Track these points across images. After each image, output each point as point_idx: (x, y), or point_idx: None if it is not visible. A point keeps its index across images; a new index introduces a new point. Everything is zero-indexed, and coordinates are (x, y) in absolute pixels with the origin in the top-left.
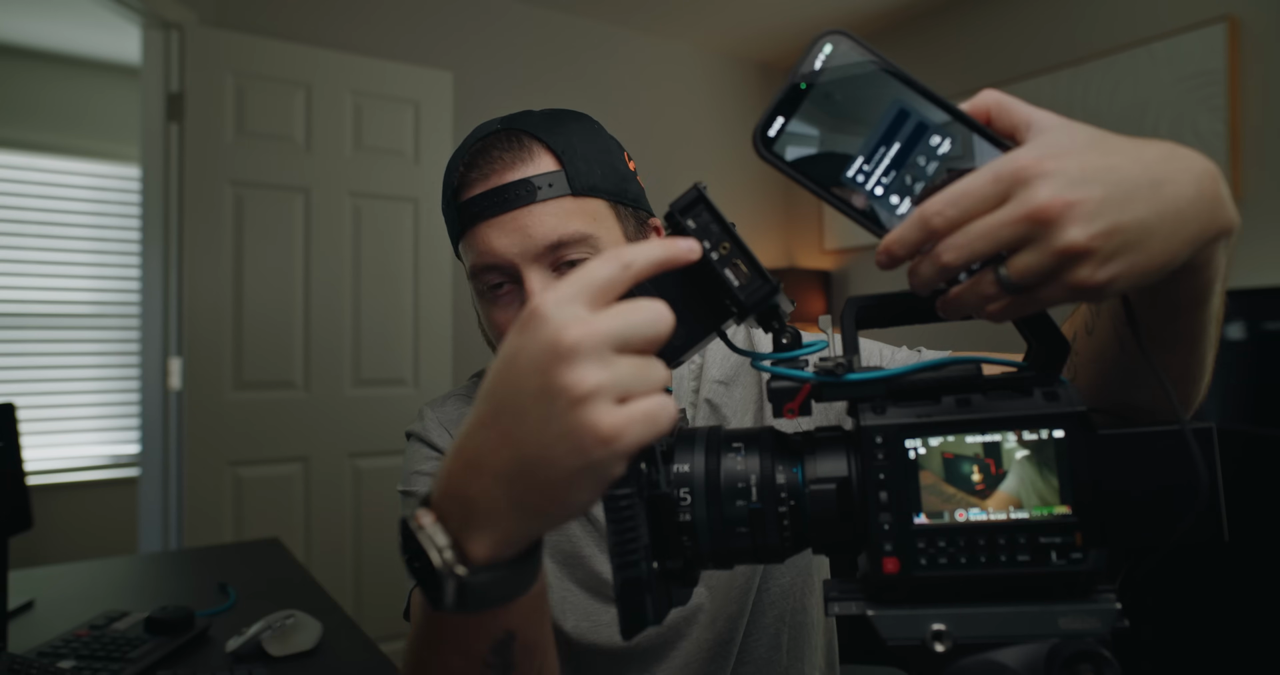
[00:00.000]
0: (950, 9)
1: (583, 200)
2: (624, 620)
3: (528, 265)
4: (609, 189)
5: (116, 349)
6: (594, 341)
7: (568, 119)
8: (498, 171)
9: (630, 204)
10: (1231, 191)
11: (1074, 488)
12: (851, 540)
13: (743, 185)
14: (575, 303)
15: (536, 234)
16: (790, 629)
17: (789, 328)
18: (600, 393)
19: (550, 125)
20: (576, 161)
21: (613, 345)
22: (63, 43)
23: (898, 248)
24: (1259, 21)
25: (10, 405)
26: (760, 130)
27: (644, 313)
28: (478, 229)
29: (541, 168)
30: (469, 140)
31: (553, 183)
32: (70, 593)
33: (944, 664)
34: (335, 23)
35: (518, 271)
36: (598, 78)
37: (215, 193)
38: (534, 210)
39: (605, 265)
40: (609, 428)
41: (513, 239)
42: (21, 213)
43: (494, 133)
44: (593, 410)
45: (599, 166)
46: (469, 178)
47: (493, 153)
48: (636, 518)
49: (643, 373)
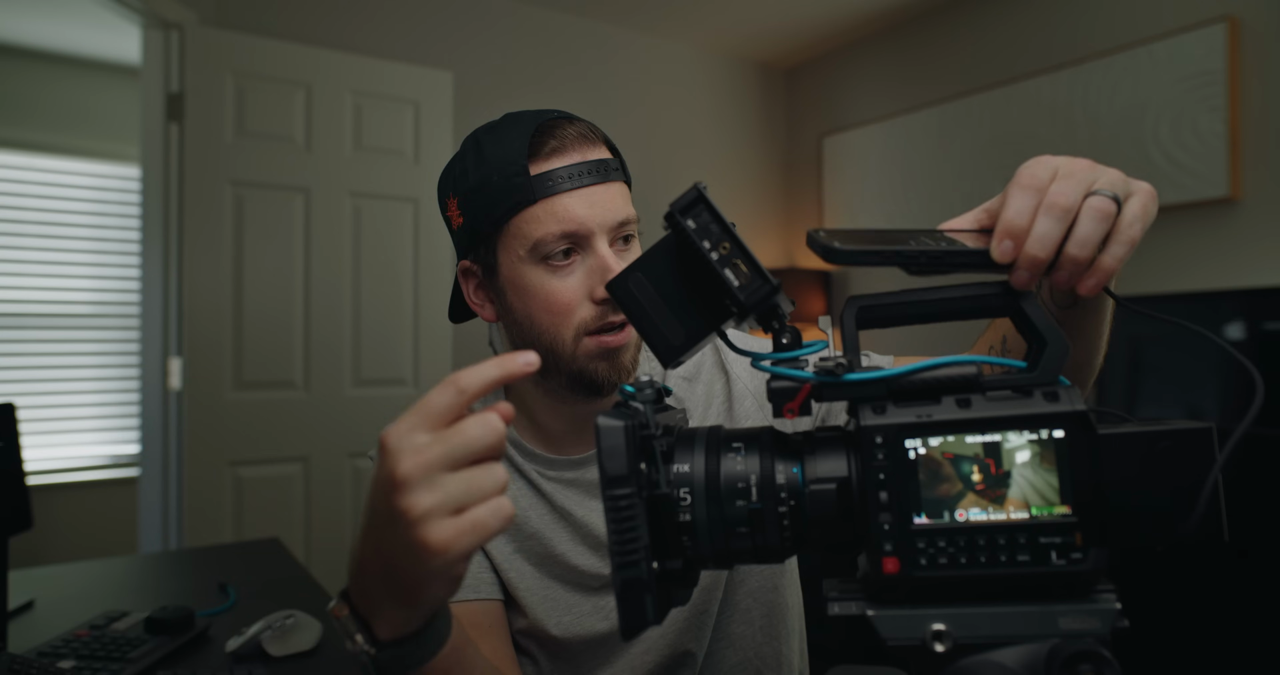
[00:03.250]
0: (950, 9)
1: (628, 189)
2: (624, 620)
3: (601, 235)
4: (630, 186)
5: (116, 349)
6: (424, 469)
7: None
8: (579, 148)
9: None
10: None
11: (1074, 488)
12: (851, 540)
13: (743, 185)
14: (415, 432)
15: (613, 208)
16: (762, 607)
17: (789, 328)
18: (430, 514)
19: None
20: (619, 154)
21: (444, 467)
22: (63, 43)
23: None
24: (1259, 21)
25: (10, 405)
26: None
27: (473, 430)
28: (559, 197)
29: (604, 153)
30: (523, 120)
31: (618, 167)
32: (70, 593)
33: (944, 664)
34: (335, 23)
35: (591, 240)
36: (598, 78)
37: (215, 193)
38: (610, 187)
39: (442, 393)
40: (438, 543)
41: (595, 211)
42: (21, 213)
43: (557, 117)
44: (425, 529)
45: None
46: (547, 147)
47: (569, 130)
48: (637, 518)
49: (474, 485)
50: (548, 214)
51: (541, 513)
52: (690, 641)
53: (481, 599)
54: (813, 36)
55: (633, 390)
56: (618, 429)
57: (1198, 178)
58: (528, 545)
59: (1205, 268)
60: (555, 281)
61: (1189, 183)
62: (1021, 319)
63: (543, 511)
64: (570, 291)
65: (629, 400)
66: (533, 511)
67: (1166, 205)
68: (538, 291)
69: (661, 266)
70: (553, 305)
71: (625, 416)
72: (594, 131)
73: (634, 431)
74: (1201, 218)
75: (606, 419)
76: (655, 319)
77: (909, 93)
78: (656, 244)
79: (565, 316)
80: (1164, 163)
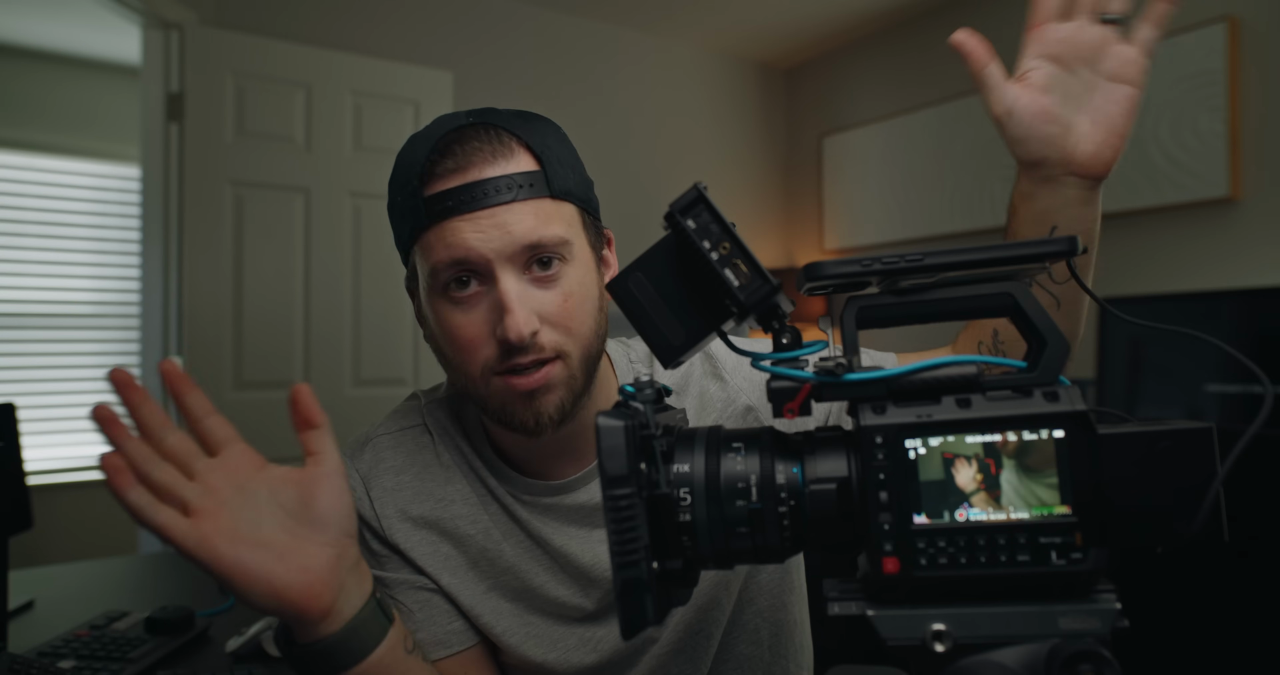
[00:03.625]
0: (950, 9)
1: (559, 204)
2: (624, 621)
3: (503, 266)
4: (580, 195)
5: (116, 349)
6: None
7: (538, 120)
8: (476, 164)
9: (594, 214)
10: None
11: (1074, 488)
12: (851, 540)
13: (743, 185)
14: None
15: (517, 233)
16: (770, 626)
17: (789, 328)
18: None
19: (524, 124)
20: (554, 163)
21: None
22: (63, 43)
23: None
24: (1259, 21)
25: (10, 405)
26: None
27: None
28: (450, 223)
29: (522, 166)
30: (432, 131)
31: (534, 182)
32: (70, 593)
33: (944, 664)
34: (335, 23)
35: (490, 270)
36: (598, 78)
37: (215, 193)
38: (514, 208)
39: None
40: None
41: (490, 235)
42: (21, 213)
43: (468, 126)
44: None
45: (571, 170)
46: (441, 168)
47: (471, 143)
48: (637, 518)
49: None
50: (439, 240)
51: (517, 542)
52: (692, 668)
53: (454, 653)
54: (813, 36)
55: (633, 390)
56: (618, 429)
57: (1198, 178)
58: (503, 581)
59: (1205, 268)
60: (458, 315)
61: (1189, 183)
62: (1021, 319)
63: (518, 540)
64: (472, 327)
65: (629, 400)
66: (507, 543)
67: (1166, 205)
68: (443, 323)
69: (661, 266)
70: (455, 341)
71: (625, 416)
72: (514, 140)
73: (634, 431)
74: (1201, 218)
75: (606, 419)
76: (655, 319)
77: (909, 93)
78: (656, 244)
79: (469, 353)
80: (1164, 163)
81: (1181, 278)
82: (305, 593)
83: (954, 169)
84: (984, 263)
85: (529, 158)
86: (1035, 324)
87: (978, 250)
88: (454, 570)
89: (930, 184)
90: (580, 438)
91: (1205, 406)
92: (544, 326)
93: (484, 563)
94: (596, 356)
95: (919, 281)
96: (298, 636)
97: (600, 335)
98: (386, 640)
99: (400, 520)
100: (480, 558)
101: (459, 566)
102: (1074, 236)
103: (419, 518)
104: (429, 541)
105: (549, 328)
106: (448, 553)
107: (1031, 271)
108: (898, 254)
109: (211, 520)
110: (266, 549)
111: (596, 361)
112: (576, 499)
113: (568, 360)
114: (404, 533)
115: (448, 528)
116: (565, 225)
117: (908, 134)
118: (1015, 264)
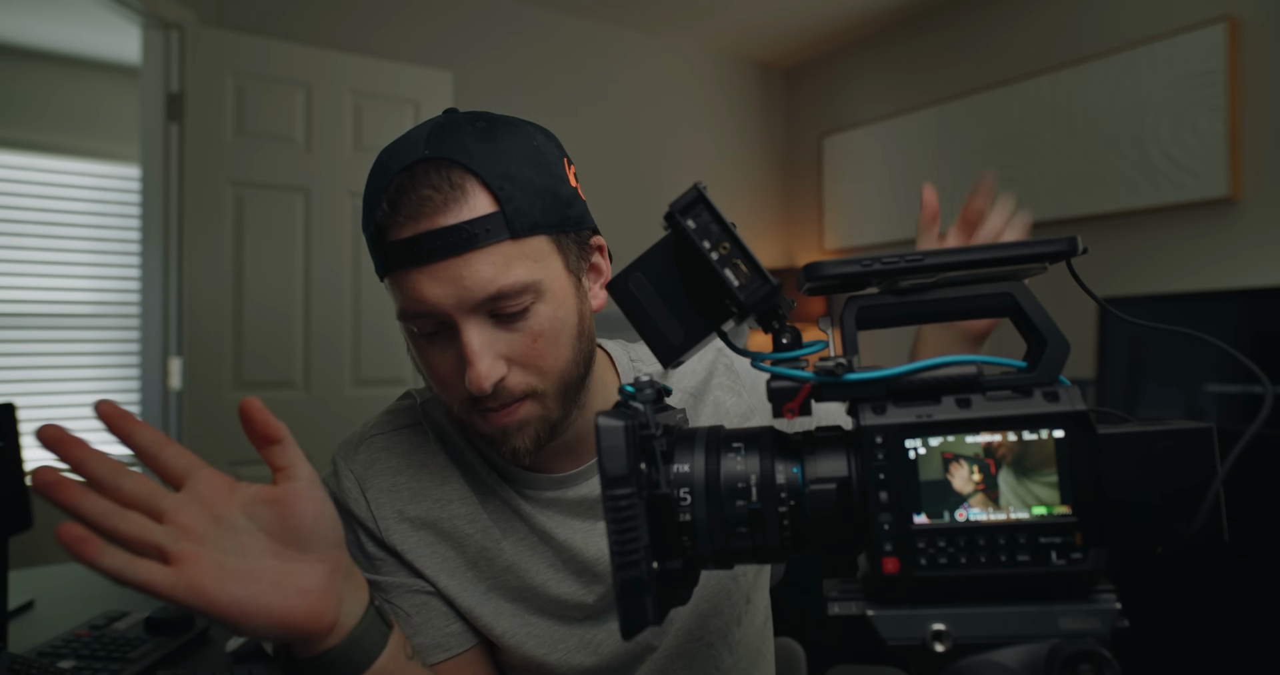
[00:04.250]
0: (950, 9)
1: (522, 242)
2: (624, 621)
3: (464, 316)
4: (550, 222)
5: (116, 349)
6: None
7: (503, 136)
8: (428, 215)
9: (572, 228)
10: (1231, 192)
11: (1074, 488)
12: (851, 540)
13: (743, 185)
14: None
15: (473, 285)
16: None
17: (789, 328)
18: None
19: (485, 151)
20: (515, 198)
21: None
22: (63, 43)
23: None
24: (1259, 21)
25: (10, 405)
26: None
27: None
28: (407, 274)
29: (477, 209)
30: (391, 165)
31: (490, 227)
32: (70, 593)
33: (944, 664)
34: (335, 23)
35: (452, 321)
36: (598, 78)
37: (215, 193)
38: (470, 259)
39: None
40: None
41: (446, 290)
42: (21, 213)
43: (421, 162)
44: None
45: (539, 197)
46: (393, 221)
47: (421, 191)
48: (637, 518)
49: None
50: (399, 289)
51: (518, 539)
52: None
53: (453, 656)
54: (813, 36)
55: (633, 390)
56: (618, 429)
57: (1198, 178)
58: (503, 580)
59: (1205, 268)
60: (430, 352)
61: (1189, 183)
62: (1021, 319)
63: (519, 537)
64: (444, 366)
65: (629, 400)
66: (507, 540)
67: (1166, 205)
68: (419, 356)
69: (661, 266)
70: (432, 376)
71: (625, 416)
72: (467, 178)
73: (634, 431)
74: (1201, 218)
75: (606, 419)
76: (655, 319)
77: (909, 93)
78: (656, 244)
79: (445, 389)
80: (1164, 163)
81: (1181, 278)
82: (308, 616)
83: (954, 169)
84: (984, 263)
85: (485, 198)
86: (1035, 324)
87: (978, 250)
88: (452, 571)
89: (930, 184)
90: (579, 440)
91: (1205, 406)
92: (513, 368)
93: (483, 562)
94: (579, 379)
95: (919, 281)
96: (297, 652)
97: (581, 360)
98: (388, 648)
99: (398, 521)
100: (479, 557)
101: (457, 567)
102: (1074, 237)
103: (416, 518)
104: (427, 542)
105: (519, 369)
106: (445, 554)
107: (1031, 271)
108: (898, 254)
109: (194, 563)
110: (258, 580)
111: (579, 386)
112: (579, 492)
113: (541, 398)
114: (402, 534)
115: (445, 528)
116: (530, 264)
117: (908, 134)
118: (1015, 264)
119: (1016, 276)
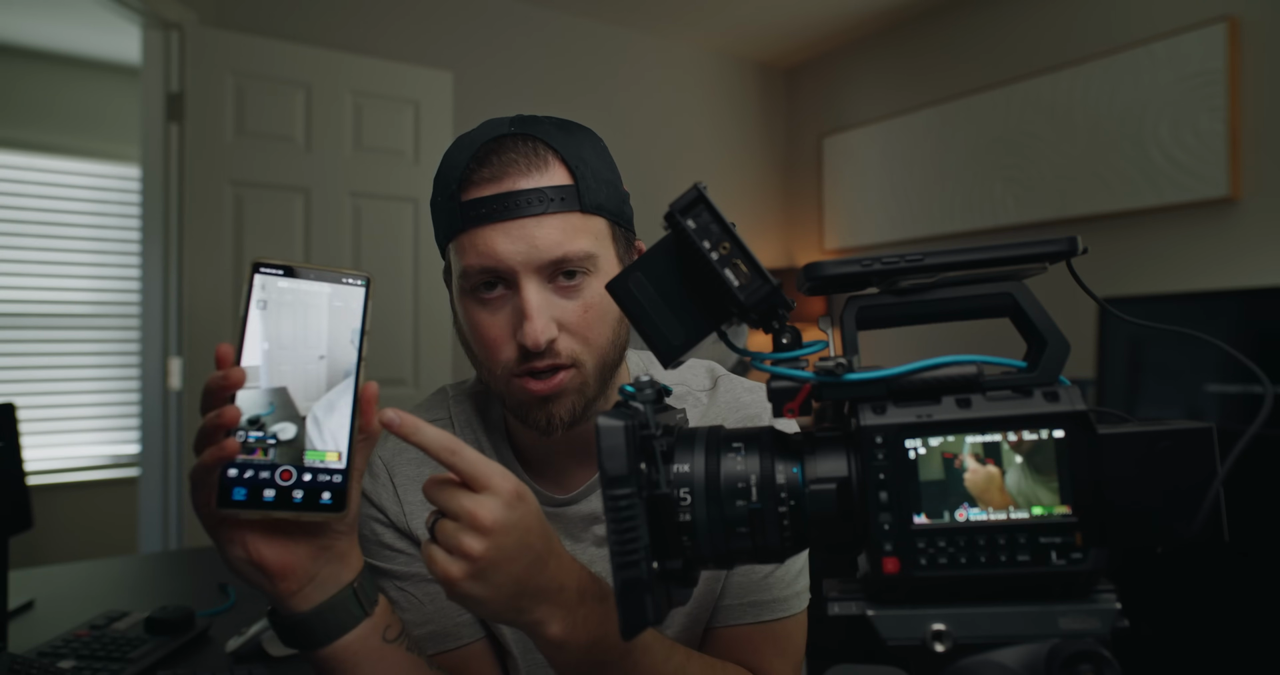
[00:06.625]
0: (950, 9)
1: (589, 218)
2: (624, 621)
3: (528, 275)
4: (612, 209)
5: (116, 349)
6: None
7: (578, 131)
8: (511, 175)
9: (625, 224)
10: (1231, 192)
11: (1074, 488)
12: (851, 540)
13: (743, 185)
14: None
15: (543, 246)
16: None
17: (789, 328)
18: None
19: (564, 136)
20: (588, 177)
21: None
22: (63, 43)
23: None
24: (1259, 21)
25: (10, 405)
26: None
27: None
28: (481, 230)
29: (555, 179)
30: (475, 136)
31: (565, 197)
32: (70, 593)
33: (944, 664)
34: (335, 23)
35: (515, 278)
36: (598, 78)
37: (215, 193)
38: (544, 221)
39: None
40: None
41: (518, 247)
42: (21, 213)
43: (508, 135)
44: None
45: (605, 185)
46: (478, 176)
47: (508, 154)
48: (636, 518)
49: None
50: (471, 245)
51: None
52: None
53: (462, 645)
54: (813, 36)
55: (633, 390)
56: (618, 429)
57: (1198, 178)
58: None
59: (1205, 268)
60: (484, 315)
61: (1189, 183)
62: (1021, 319)
63: None
64: (496, 328)
65: (629, 400)
66: None
67: (1166, 205)
68: (470, 320)
69: (662, 266)
70: (481, 338)
71: (625, 416)
72: (550, 153)
73: (634, 431)
74: (1201, 218)
75: (606, 419)
76: (655, 319)
77: (909, 93)
78: (656, 244)
79: (493, 352)
80: (1164, 163)
81: (1181, 278)
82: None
83: (954, 169)
84: (984, 263)
85: (563, 171)
86: (1035, 324)
87: (977, 250)
88: None
89: (930, 184)
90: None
91: (1205, 406)
92: (562, 334)
93: None
94: (613, 365)
95: (919, 281)
96: (277, 607)
97: (618, 345)
98: (357, 629)
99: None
100: None
101: None
102: (1074, 237)
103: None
104: None
105: (567, 335)
106: None
107: (1031, 271)
108: (898, 254)
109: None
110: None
111: (613, 370)
112: (579, 511)
113: (582, 368)
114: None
115: None
116: (592, 239)
117: (908, 134)
118: (1015, 264)
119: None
